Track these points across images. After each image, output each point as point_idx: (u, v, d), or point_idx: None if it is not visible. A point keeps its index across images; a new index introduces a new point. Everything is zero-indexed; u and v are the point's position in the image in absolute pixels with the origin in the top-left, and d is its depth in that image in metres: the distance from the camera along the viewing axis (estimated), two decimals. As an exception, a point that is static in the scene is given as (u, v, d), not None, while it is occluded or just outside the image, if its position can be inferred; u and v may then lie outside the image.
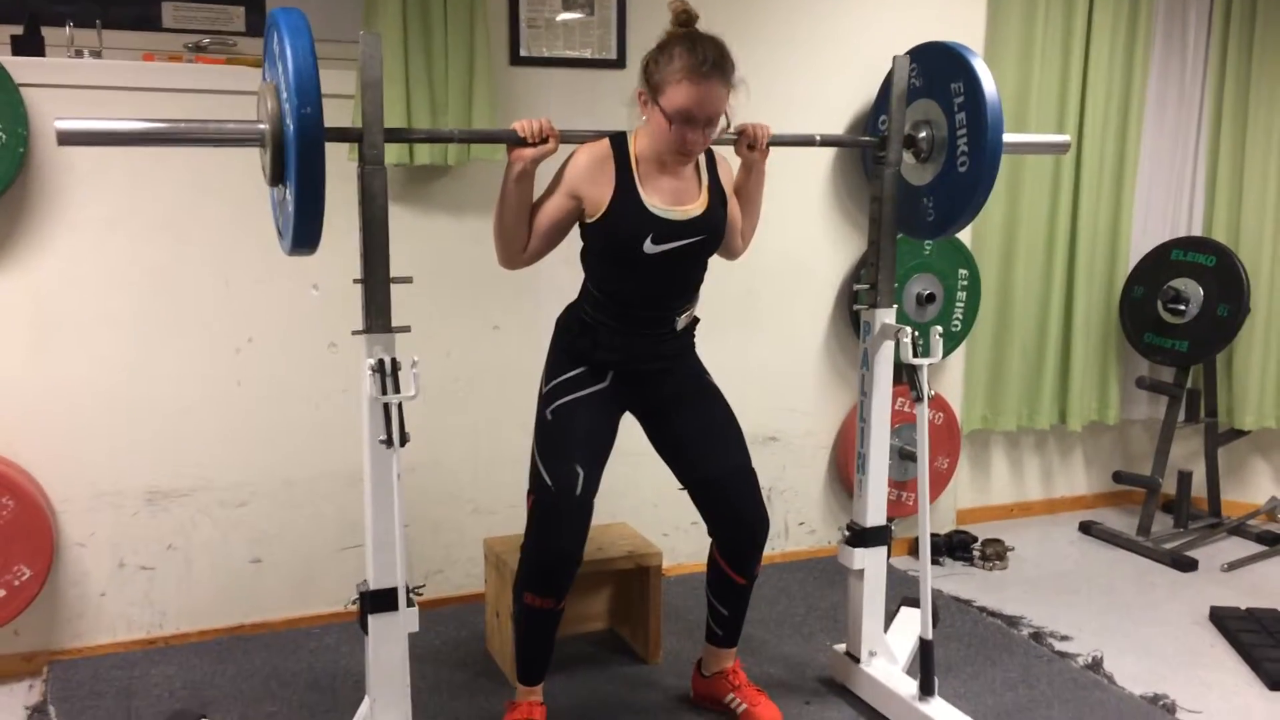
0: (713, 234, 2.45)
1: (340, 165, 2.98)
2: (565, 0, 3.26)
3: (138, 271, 2.97)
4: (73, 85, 2.81)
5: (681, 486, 2.63)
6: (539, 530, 2.45)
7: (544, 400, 2.50)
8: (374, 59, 2.10)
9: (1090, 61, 4.11)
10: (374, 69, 2.11)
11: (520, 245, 2.40)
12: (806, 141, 2.70)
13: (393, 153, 2.95)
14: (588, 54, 3.30)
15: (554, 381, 2.49)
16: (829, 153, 3.68)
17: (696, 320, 2.58)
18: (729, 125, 2.42)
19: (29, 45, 2.84)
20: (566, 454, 2.43)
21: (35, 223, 2.86)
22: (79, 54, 2.89)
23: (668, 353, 2.53)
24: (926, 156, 2.67)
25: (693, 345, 2.62)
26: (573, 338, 2.49)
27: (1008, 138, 2.58)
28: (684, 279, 2.48)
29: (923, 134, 2.68)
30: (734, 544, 2.62)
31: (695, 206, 2.41)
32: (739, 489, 2.58)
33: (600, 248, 2.42)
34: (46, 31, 2.87)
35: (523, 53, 3.23)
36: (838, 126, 3.64)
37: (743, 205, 2.61)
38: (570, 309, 2.54)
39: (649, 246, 2.36)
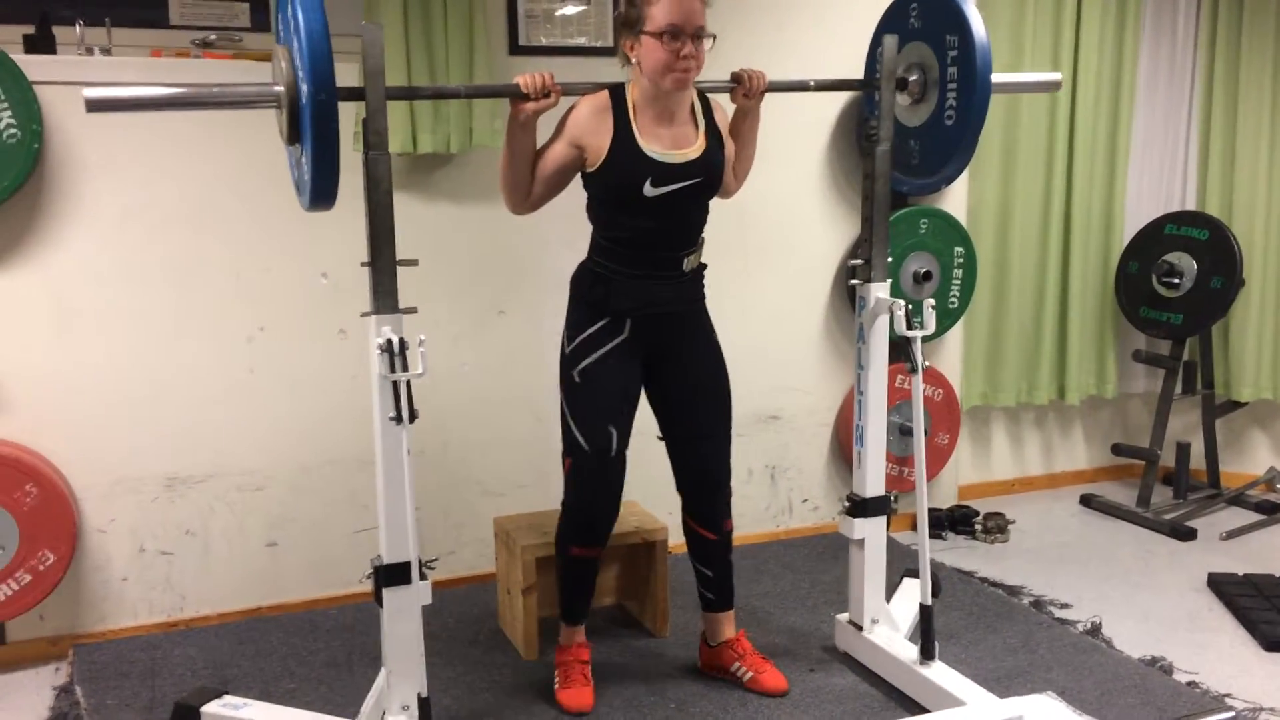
0: (711, 176, 2.55)
1: (345, 157, 3.05)
2: (562, -10, 3.34)
3: (151, 264, 3.05)
4: (84, 82, 2.85)
5: (661, 436, 2.75)
6: (580, 490, 2.63)
7: (568, 361, 2.59)
8: (376, 48, 2.17)
9: (1081, 39, 4.16)
10: (376, 58, 2.17)
11: (525, 191, 2.52)
12: (801, 87, 2.78)
13: (396, 141, 3.02)
14: (584, 42, 3.37)
15: (576, 340, 2.58)
16: (826, 133, 3.74)
17: (704, 266, 2.67)
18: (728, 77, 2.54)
19: (41, 44, 2.91)
20: (598, 417, 2.57)
21: (51, 217, 2.94)
22: (89, 51, 2.97)
23: (680, 298, 2.62)
24: (919, 99, 2.74)
25: (703, 295, 2.70)
26: (587, 288, 2.58)
27: (997, 78, 2.65)
28: (686, 220, 2.57)
29: (914, 77, 2.74)
30: (699, 499, 2.77)
31: (693, 150, 2.51)
32: (711, 451, 2.73)
33: (603, 194, 2.52)
34: (57, 30, 2.95)
35: (521, 42, 3.30)
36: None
37: (738, 148, 2.72)
38: (582, 265, 2.63)
39: (649, 189, 2.46)
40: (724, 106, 2.67)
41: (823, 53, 3.62)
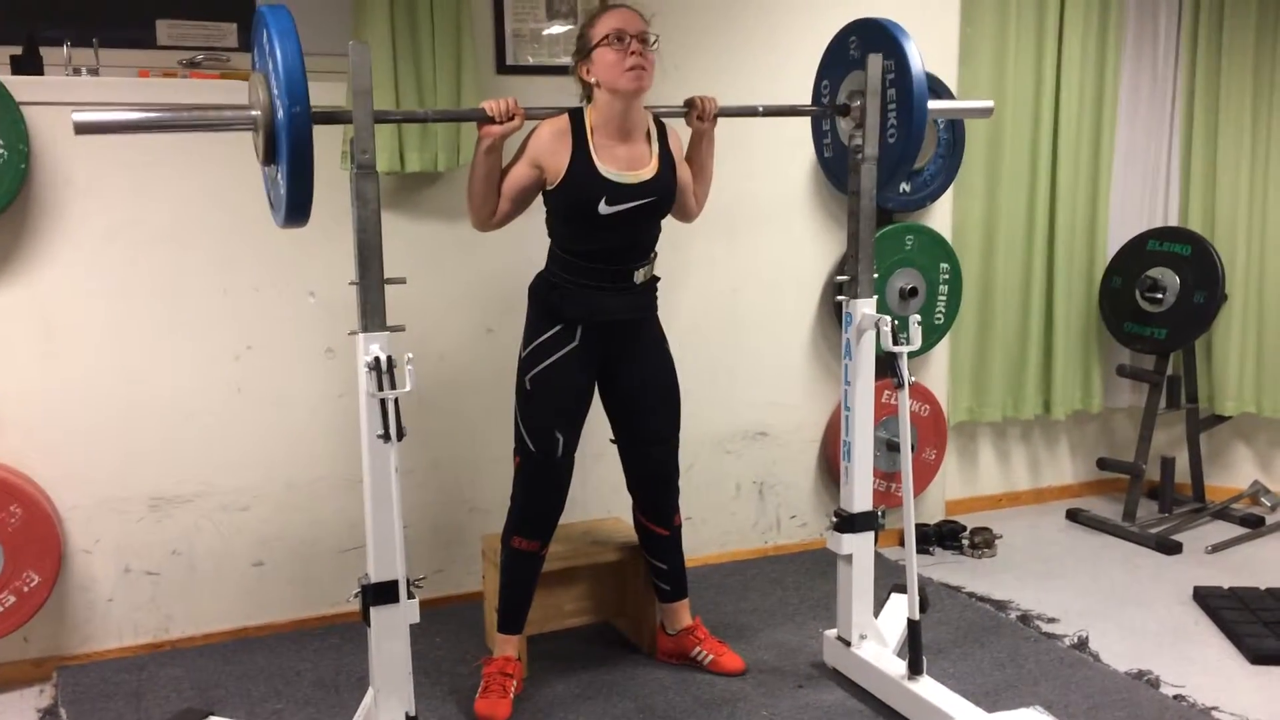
0: (663, 196, 2.67)
1: (334, 174, 3.06)
2: (549, 10, 3.35)
3: (138, 282, 3.04)
4: (71, 102, 2.88)
5: (613, 439, 2.87)
6: (526, 487, 2.76)
7: (522, 366, 2.73)
8: (364, 68, 2.19)
9: (1063, 57, 4.20)
10: (364, 78, 2.19)
11: (490, 209, 2.64)
12: (750, 112, 2.86)
13: (384, 160, 3.02)
14: (571, 61, 3.37)
15: (530, 346, 2.71)
16: (811, 152, 3.75)
17: (657, 279, 2.79)
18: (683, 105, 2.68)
19: (28, 65, 2.92)
20: (547, 422, 2.69)
21: (37, 236, 2.93)
22: (77, 72, 2.97)
23: (630, 307, 2.74)
24: (860, 124, 2.79)
25: (654, 305, 2.82)
26: (544, 296, 2.71)
27: (933, 104, 2.84)
28: (637, 236, 2.70)
29: (857, 103, 2.81)
30: (650, 499, 2.91)
31: (646, 171, 2.64)
32: (663, 455, 2.87)
33: (561, 210, 2.64)
34: (45, 51, 2.96)
35: (509, 61, 3.31)
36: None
37: (695, 171, 2.83)
38: (540, 274, 2.76)
39: (603, 207, 2.58)
40: (681, 134, 2.78)
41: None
